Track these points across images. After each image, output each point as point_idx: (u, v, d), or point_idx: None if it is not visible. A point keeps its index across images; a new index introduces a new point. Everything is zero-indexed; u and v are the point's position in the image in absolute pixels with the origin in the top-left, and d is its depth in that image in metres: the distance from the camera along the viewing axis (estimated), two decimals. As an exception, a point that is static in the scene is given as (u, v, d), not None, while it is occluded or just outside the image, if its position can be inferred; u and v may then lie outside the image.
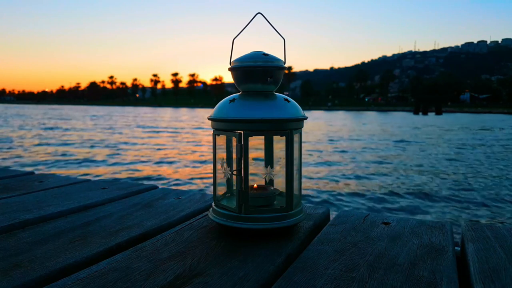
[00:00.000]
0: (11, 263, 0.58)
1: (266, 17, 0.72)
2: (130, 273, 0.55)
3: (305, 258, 0.61)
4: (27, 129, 16.88)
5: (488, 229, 0.75)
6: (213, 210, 0.73)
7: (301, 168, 0.75)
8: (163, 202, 0.92)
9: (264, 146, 0.79)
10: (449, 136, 15.81)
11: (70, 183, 1.12)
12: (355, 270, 0.57)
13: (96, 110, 52.79)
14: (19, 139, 12.46)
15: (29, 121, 23.18)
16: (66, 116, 31.66)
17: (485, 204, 4.95)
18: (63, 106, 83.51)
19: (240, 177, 0.67)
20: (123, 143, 11.88)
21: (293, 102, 0.72)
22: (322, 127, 20.71)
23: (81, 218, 0.80)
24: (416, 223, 0.78)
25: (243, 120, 0.67)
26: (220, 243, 0.66)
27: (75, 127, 18.65)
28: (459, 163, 8.50)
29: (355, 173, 7.00)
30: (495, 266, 0.58)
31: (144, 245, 0.66)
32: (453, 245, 0.67)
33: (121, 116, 33.60)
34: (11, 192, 1.01)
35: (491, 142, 13.25)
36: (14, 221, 0.76)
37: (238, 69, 0.71)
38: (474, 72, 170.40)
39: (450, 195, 5.41)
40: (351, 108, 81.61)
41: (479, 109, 71.63)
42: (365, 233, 0.72)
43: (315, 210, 0.86)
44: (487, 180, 6.57)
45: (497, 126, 23.80)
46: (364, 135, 15.63)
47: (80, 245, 0.65)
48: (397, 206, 4.82)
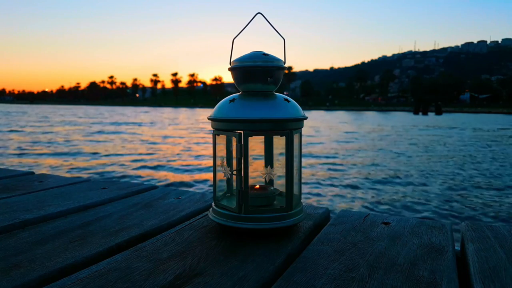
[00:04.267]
0: (11, 263, 0.58)
1: (266, 17, 0.72)
2: (130, 273, 0.55)
3: (305, 258, 0.61)
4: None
5: (488, 229, 0.75)
6: (213, 210, 0.73)
7: (301, 168, 0.75)
8: (163, 202, 0.92)
9: (264, 146, 0.79)
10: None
11: (70, 183, 1.12)
12: (355, 270, 0.57)
13: (121, 109, 52.74)
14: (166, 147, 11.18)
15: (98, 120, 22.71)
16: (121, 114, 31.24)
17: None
18: (64, 106, 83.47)
19: (240, 177, 0.67)
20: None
21: (293, 102, 0.72)
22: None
23: (81, 218, 0.80)
24: (416, 223, 0.78)
25: (243, 120, 0.67)
26: (220, 243, 0.66)
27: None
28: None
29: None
30: (495, 266, 0.58)
31: (144, 245, 0.66)
32: (453, 245, 0.67)
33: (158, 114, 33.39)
34: (11, 192, 1.01)
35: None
36: (14, 221, 0.76)
37: (238, 69, 0.71)
38: (474, 72, 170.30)
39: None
40: (351, 108, 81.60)
41: (479, 109, 71.61)
42: (365, 233, 0.72)
43: (315, 210, 0.86)
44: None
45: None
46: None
47: (80, 245, 0.65)
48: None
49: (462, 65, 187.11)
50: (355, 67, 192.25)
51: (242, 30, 0.73)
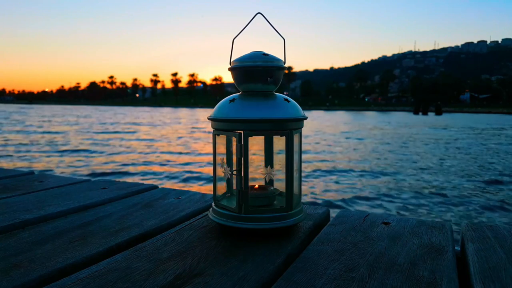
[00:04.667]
0: (11, 263, 0.58)
1: (266, 17, 0.72)
2: (130, 273, 0.55)
3: (305, 258, 0.61)
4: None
5: (488, 229, 0.75)
6: (213, 210, 0.73)
7: (301, 168, 0.75)
8: (163, 202, 0.92)
9: (264, 146, 0.79)
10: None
11: (70, 183, 1.12)
12: (355, 270, 0.57)
13: (128, 110, 52.72)
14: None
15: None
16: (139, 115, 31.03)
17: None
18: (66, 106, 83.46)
19: (240, 177, 0.67)
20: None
21: (293, 102, 0.72)
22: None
23: (81, 218, 0.80)
24: (416, 223, 0.78)
25: (243, 120, 0.67)
26: (220, 243, 0.66)
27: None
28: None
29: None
30: (495, 266, 0.58)
31: (144, 245, 0.66)
32: (453, 245, 0.67)
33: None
34: (11, 192, 1.01)
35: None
36: (14, 221, 0.76)
37: (238, 69, 0.71)
38: (474, 72, 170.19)
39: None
40: (351, 108, 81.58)
41: (479, 109, 71.63)
42: (365, 233, 0.72)
43: (315, 210, 0.86)
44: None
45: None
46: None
47: (80, 245, 0.65)
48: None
49: (462, 65, 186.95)
50: (355, 67, 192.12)
51: (242, 30, 0.73)
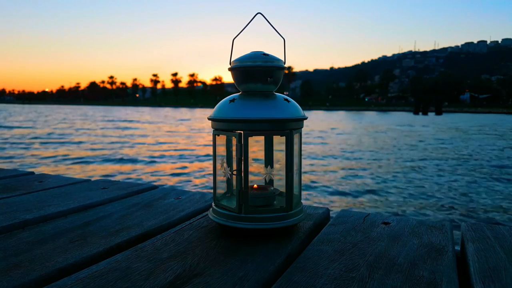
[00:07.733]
0: (11, 263, 0.58)
1: (266, 17, 0.72)
2: (130, 273, 0.55)
3: (305, 258, 0.61)
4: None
5: (488, 229, 0.75)
6: (213, 210, 0.73)
7: (301, 168, 0.75)
8: (163, 202, 0.92)
9: (264, 146, 0.79)
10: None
11: (70, 183, 1.12)
12: (355, 270, 0.57)
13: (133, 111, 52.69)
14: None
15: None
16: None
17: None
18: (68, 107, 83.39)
19: (240, 177, 0.67)
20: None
21: (293, 102, 0.72)
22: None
23: (81, 218, 0.80)
24: (416, 223, 0.78)
25: (243, 120, 0.67)
26: (220, 243, 0.66)
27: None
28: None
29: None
30: (495, 266, 0.58)
31: (144, 245, 0.66)
32: (453, 245, 0.67)
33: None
34: (11, 192, 1.01)
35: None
36: (14, 221, 0.76)
37: (238, 69, 0.71)
38: (474, 72, 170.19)
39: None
40: (351, 108, 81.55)
41: (479, 109, 71.61)
42: (365, 233, 0.72)
43: (315, 210, 0.86)
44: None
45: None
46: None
47: (80, 245, 0.65)
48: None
49: (462, 65, 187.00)
50: (355, 67, 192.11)
51: (242, 30, 0.73)
